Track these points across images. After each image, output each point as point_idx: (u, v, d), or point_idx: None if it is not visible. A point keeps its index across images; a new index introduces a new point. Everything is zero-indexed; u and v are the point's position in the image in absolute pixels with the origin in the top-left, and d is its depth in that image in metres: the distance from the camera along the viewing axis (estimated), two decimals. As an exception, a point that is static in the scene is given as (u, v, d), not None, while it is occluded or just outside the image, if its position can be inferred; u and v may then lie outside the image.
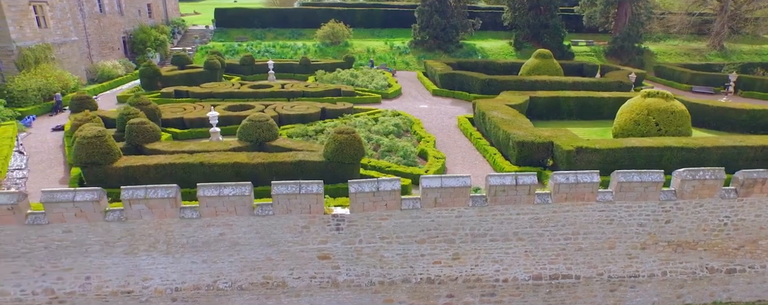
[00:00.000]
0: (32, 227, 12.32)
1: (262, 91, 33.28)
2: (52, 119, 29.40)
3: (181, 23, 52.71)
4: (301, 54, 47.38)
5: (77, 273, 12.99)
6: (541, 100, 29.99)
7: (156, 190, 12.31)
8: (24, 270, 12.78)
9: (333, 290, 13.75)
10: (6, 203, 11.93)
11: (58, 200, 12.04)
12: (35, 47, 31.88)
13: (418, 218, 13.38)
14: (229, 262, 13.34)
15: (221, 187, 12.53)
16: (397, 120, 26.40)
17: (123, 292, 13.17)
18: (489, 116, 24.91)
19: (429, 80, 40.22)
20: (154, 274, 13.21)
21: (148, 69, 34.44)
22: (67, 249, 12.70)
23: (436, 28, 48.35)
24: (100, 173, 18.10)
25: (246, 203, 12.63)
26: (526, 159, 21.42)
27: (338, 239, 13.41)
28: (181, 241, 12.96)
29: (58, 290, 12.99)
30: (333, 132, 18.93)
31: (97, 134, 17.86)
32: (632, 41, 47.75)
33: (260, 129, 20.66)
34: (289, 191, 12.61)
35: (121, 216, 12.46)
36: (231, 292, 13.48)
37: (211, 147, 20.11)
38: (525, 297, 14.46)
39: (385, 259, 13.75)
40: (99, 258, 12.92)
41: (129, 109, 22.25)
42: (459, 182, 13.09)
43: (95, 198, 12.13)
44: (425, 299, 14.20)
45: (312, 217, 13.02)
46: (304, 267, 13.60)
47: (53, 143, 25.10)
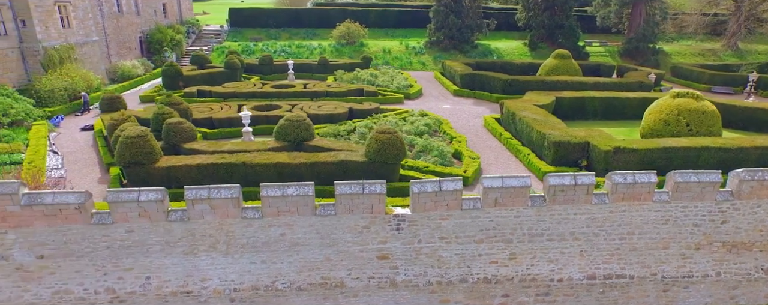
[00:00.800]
0: (97, 226, 12.31)
1: (285, 91, 33.29)
2: (79, 119, 29.39)
3: (196, 23, 52.72)
4: (316, 54, 47.41)
5: (137, 273, 12.97)
6: (566, 100, 30.01)
7: (219, 190, 12.31)
8: (86, 269, 12.77)
9: (391, 290, 13.76)
10: (74, 203, 11.91)
11: (123, 200, 12.03)
12: (60, 47, 31.87)
13: (477, 218, 13.39)
14: (288, 262, 13.33)
15: (284, 187, 12.52)
16: (427, 120, 26.41)
17: (182, 292, 13.16)
18: (520, 117, 24.94)
19: (448, 81, 40.25)
20: (213, 274, 13.20)
21: (171, 69, 34.43)
22: (128, 248, 12.69)
23: (451, 29, 48.40)
24: (142, 173, 18.09)
25: (308, 203, 12.63)
26: (562, 159, 21.44)
27: (398, 239, 13.41)
28: (241, 241, 12.95)
29: (119, 289, 12.98)
30: (374, 132, 18.94)
31: (140, 134, 17.85)
32: (647, 42, 47.83)
33: (298, 129, 20.65)
34: (353, 191, 12.61)
35: (183, 216, 12.45)
36: (289, 293, 13.48)
37: (249, 147, 20.09)
38: (578, 296, 14.48)
39: (443, 259, 13.75)
40: (159, 258, 12.91)
41: (163, 109, 22.24)
42: (519, 182, 13.10)
43: (159, 198, 12.12)
44: (481, 299, 14.22)
45: (373, 217, 13.02)
46: (363, 268, 13.60)
47: (84, 143, 25.10)
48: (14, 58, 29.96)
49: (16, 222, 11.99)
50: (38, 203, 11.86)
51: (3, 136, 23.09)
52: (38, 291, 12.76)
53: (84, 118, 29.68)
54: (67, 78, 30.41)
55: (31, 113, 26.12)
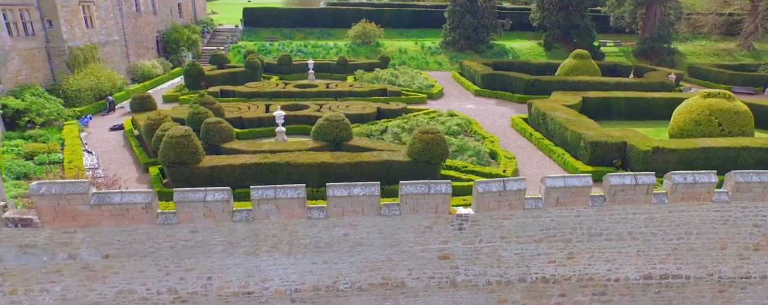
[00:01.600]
0: (162, 226, 12.28)
1: (308, 90, 33.26)
2: (105, 119, 29.34)
3: (210, 23, 52.65)
4: (333, 54, 47.39)
5: (199, 273, 12.93)
6: (592, 100, 30.01)
7: (285, 190, 12.28)
8: (149, 269, 12.73)
9: (451, 290, 13.74)
10: (141, 203, 11.88)
11: (189, 200, 12.00)
12: (84, 47, 31.79)
13: (538, 218, 13.39)
14: (349, 263, 13.31)
15: (351, 187, 12.51)
16: (458, 120, 26.41)
17: (244, 293, 13.13)
18: (551, 117, 24.95)
19: (467, 81, 40.21)
20: (274, 275, 13.17)
21: (193, 68, 34.39)
22: (191, 249, 12.65)
23: (467, 29, 48.40)
24: (186, 173, 18.07)
25: (374, 203, 12.61)
26: (598, 159, 21.45)
27: (459, 239, 13.40)
28: (304, 242, 12.92)
29: (181, 290, 12.95)
30: (417, 132, 18.92)
31: (184, 134, 17.82)
32: (663, 42, 47.90)
33: (338, 129, 20.63)
34: (419, 190, 12.60)
35: (248, 216, 12.42)
36: (350, 293, 13.45)
37: (289, 147, 20.07)
38: (634, 296, 14.48)
39: (503, 259, 13.74)
40: (221, 259, 12.87)
41: (198, 108, 22.21)
42: (581, 181, 13.10)
43: (225, 198, 12.09)
44: (538, 298, 14.21)
45: (437, 217, 13.01)
46: (424, 268, 13.58)
47: (115, 143, 25.05)
48: (41, 58, 29.88)
49: (85, 222, 11.96)
50: (107, 202, 11.83)
51: (38, 136, 23.02)
52: (103, 290, 12.72)
53: (110, 118, 29.63)
54: (93, 78, 30.35)
55: (62, 113, 26.06)
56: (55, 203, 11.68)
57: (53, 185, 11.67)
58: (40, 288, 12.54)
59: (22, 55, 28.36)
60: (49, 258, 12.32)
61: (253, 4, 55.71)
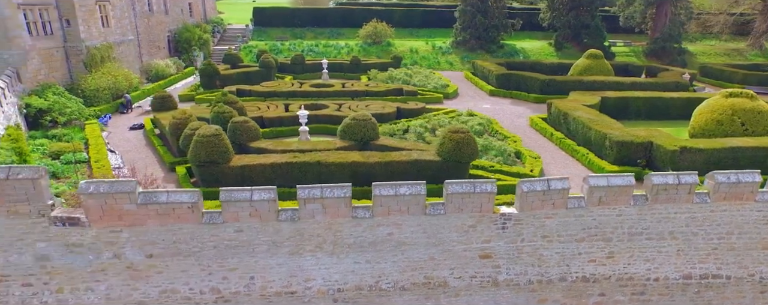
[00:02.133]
0: (207, 226, 12.23)
1: (324, 90, 33.21)
2: (123, 118, 29.29)
3: (220, 22, 52.57)
4: (344, 53, 47.36)
5: (242, 273, 12.89)
6: (610, 100, 29.97)
7: (332, 189, 12.24)
8: (192, 269, 12.68)
9: (492, 289, 13.71)
10: (187, 202, 11.84)
11: (236, 199, 11.96)
12: (100, 46, 31.72)
13: (581, 217, 13.36)
14: (392, 262, 13.27)
15: (397, 186, 12.47)
16: (479, 120, 26.39)
17: (287, 293, 13.08)
18: (574, 116, 24.92)
19: (481, 80, 40.17)
20: (317, 275, 13.13)
21: (208, 68, 34.33)
22: (235, 248, 12.61)
23: (478, 29, 48.39)
24: (216, 172, 18.01)
25: (420, 203, 12.57)
26: (623, 159, 21.42)
27: (501, 238, 13.37)
28: (348, 241, 12.88)
29: (224, 289, 12.90)
30: (447, 131, 18.89)
31: (215, 133, 17.77)
32: (674, 41, 47.89)
33: (365, 128, 20.59)
34: (464, 190, 12.56)
35: (293, 216, 12.38)
36: (393, 292, 13.42)
37: (317, 146, 20.02)
38: (673, 296, 14.45)
39: (544, 258, 13.72)
40: (264, 258, 12.82)
41: (223, 108, 22.16)
42: (624, 181, 13.08)
43: (271, 198, 12.05)
44: (578, 298, 14.18)
45: (481, 216, 12.97)
46: (465, 267, 13.55)
47: (136, 142, 25.00)
48: (59, 57, 29.81)
49: (131, 221, 11.92)
50: (153, 202, 11.79)
51: (62, 135, 22.96)
52: (146, 289, 12.68)
53: (128, 117, 29.58)
54: (111, 77, 30.29)
55: (83, 112, 26.00)
56: (103, 202, 11.64)
57: (101, 184, 11.62)
58: (85, 286, 12.50)
59: (42, 54, 28.30)
60: (95, 257, 12.27)
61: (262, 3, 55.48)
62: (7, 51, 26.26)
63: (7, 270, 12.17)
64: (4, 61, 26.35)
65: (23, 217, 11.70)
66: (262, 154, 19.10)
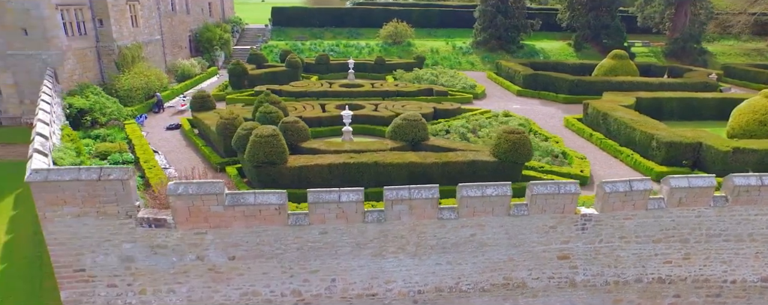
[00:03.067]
0: (292, 228, 12.14)
1: (355, 90, 33.11)
2: (157, 118, 29.15)
3: (239, 22, 52.41)
4: (365, 53, 47.28)
5: (323, 275, 12.81)
6: (644, 101, 29.87)
7: (420, 190, 12.16)
8: (274, 271, 12.60)
9: (569, 290, 13.65)
10: (275, 204, 11.75)
11: (324, 201, 11.87)
12: (131, 46, 31.60)
13: (660, 218, 13.31)
14: (472, 263, 13.20)
15: (483, 187, 12.40)
16: (520, 120, 26.33)
17: (368, 295, 13.01)
18: (614, 117, 24.86)
19: (506, 81, 40.06)
20: (398, 276, 13.05)
21: (237, 67, 34.19)
22: (318, 250, 12.52)
23: (499, 29, 48.32)
24: (273, 173, 17.90)
25: (505, 204, 12.51)
26: (671, 159, 21.35)
27: (580, 239, 13.31)
28: (431, 243, 12.81)
29: (305, 292, 12.81)
30: (503, 132, 18.82)
31: (272, 133, 17.66)
32: (694, 42, 47.88)
33: (416, 129, 20.51)
34: (549, 191, 12.50)
35: (380, 217, 12.30)
36: (472, 293, 13.35)
37: (369, 147, 19.92)
38: (750, 299, 14.41)
39: (621, 258, 13.66)
40: (347, 260, 12.74)
41: (269, 108, 22.07)
42: (705, 182, 13.04)
43: (359, 199, 11.96)
44: (653, 299, 14.13)
45: (562, 217, 12.91)
46: (543, 268, 13.49)
47: (176, 142, 24.87)
48: (92, 57, 29.67)
49: (216, 223, 11.83)
50: (241, 203, 11.70)
51: (106, 135, 22.83)
52: (227, 292, 12.58)
53: (162, 117, 29.45)
54: (143, 77, 30.16)
55: (121, 112, 25.88)
56: (190, 203, 11.55)
57: (190, 185, 11.53)
58: (167, 288, 12.41)
59: (76, 55, 28.16)
60: (178, 259, 12.18)
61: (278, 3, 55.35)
62: (45, 51, 26.11)
63: (94, 270, 12.08)
64: (42, 62, 26.20)
65: (111, 218, 11.61)
66: (316, 154, 18.98)
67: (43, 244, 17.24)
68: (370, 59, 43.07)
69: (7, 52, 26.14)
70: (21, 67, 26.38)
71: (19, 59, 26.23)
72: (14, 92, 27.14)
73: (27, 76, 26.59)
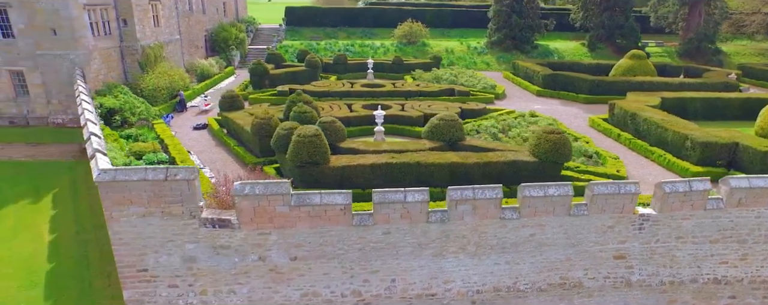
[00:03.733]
0: (355, 228, 12.11)
1: (377, 90, 33.08)
2: (181, 117, 29.09)
3: (253, 21, 52.35)
4: (380, 53, 47.29)
5: (383, 276, 12.78)
6: (668, 101, 29.88)
7: (483, 190, 12.14)
8: (334, 272, 12.57)
9: (625, 290, 13.64)
10: (341, 204, 11.72)
11: (390, 201, 11.84)
12: (154, 46, 31.56)
13: (718, 219, 13.31)
14: (530, 263, 13.18)
15: (545, 187, 12.38)
16: (548, 120, 26.32)
17: (427, 295, 12.98)
18: (644, 117, 24.87)
19: (524, 81, 40.07)
20: (456, 276, 13.03)
21: (259, 67, 34.16)
22: (379, 250, 12.49)
23: (513, 29, 48.33)
24: (316, 173, 17.87)
25: (566, 204, 12.49)
26: (706, 160, 21.35)
27: (637, 238, 13.30)
28: (492, 243, 12.79)
29: (365, 292, 12.78)
30: (542, 132, 18.82)
31: (315, 133, 17.63)
32: (709, 42, 47.92)
33: (453, 129, 20.49)
34: (609, 191, 12.49)
35: (443, 217, 12.27)
36: (530, 293, 13.33)
37: (407, 146, 19.89)
38: (802, 298, 14.41)
39: (676, 259, 13.65)
40: (407, 261, 12.72)
41: (304, 108, 22.03)
42: (766, 182, 13.02)
43: (425, 199, 11.94)
44: (708, 300, 14.12)
45: (620, 217, 12.90)
46: (599, 267, 13.48)
47: (205, 142, 24.83)
48: (116, 57, 29.62)
49: (281, 223, 11.79)
50: (306, 204, 11.66)
51: (138, 135, 22.79)
52: (287, 292, 12.55)
53: (185, 116, 29.40)
54: (167, 77, 30.11)
55: (150, 112, 25.82)
56: (256, 203, 11.52)
57: (256, 185, 11.51)
58: (228, 289, 12.37)
59: (102, 54, 28.11)
60: (240, 260, 12.15)
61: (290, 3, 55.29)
62: (73, 51, 26.06)
63: (156, 270, 12.04)
64: (70, 62, 26.16)
65: (176, 218, 11.57)
66: (356, 154, 18.96)
67: (87, 244, 17.31)
68: (387, 59, 43.06)
69: (36, 53, 26.11)
70: (49, 67, 26.33)
71: (48, 59, 26.18)
72: (42, 91, 27.08)
73: (55, 76, 26.54)
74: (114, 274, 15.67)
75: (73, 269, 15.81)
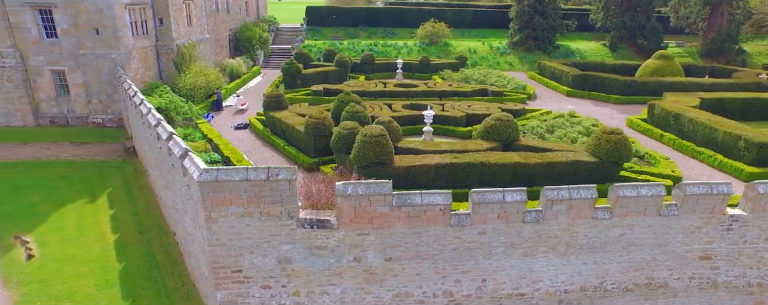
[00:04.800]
0: (452, 228, 12.07)
1: (412, 90, 33.04)
2: (219, 117, 29.02)
3: (274, 21, 52.27)
4: (404, 53, 47.27)
5: (474, 276, 12.74)
6: (707, 101, 29.89)
7: (579, 190, 12.11)
8: (426, 272, 12.52)
9: (710, 291, 13.62)
10: (441, 204, 11.67)
11: (488, 201, 11.80)
12: (188, 45, 31.49)
13: (806, 219, 13.30)
14: (617, 263, 13.16)
15: (638, 187, 12.36)
16: (592, 121, 26.31)
17: (516, 295, 12.94)
18: (689, 117, 24.88)
19: (551, 81, 40.07)
20: (545, 276, 13.00)
21: (292, 67, 34.13)
22: (472, 250, 12.46)
23: (535, 29, 48.35)
24: (381, 173, 17.79)
25: (657, 204, 12.46)
26: (762, 160, 21.32)
27: (724, 239, 13.29)
28: (582, 242, 12.77)
29: (456, 292, 12.74)
30: (602, 132, 18.83)
31: (381, 133, 17.61)
32: (732, 42, 47.97)
33: (509, 129, 20.47)
34: (701, 191, 12.47)
35: (538, 217, 12.24)
36: (615, 293, 13.31)
37: (467, 147, 19.85)
38: None
39: (764, 260, 13.65)
40: (498, 261, 12.68)
41: (356, 107, 22.00)
42: None
43: (523, 199, 11.90)
44: (790, 300, 14.11)
45: (710, 217, 12.88)
46: (684, 268, 13.46)
47: (250, 142, 24.81)
48: (152, 56, 29.58)
49: (380, 223, 11.75)
50: (407, 204, 11.62)
51: (186, 135, 22.72)
52: (380, 293, 12.51)
53: (223, 116, 29.34)
54: (204, 76, 30.05)
55: (193, 111, 25.76)
56: (357, 204, 11.47)
57: (359, 185, 11.46)
58: (320, 290, 12.32)
59: (140, 54, 28.07)
60: (336, 260, 12.10)
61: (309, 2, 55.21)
62: (115, 51, 26.01)
63: (250, 271, 11.99)
64: (112, 61, 26.11)
65: (274, 219, 11.51)
66: (417, 154, 18.93)
67: (151, 244, 17.25)
68: (413, 59, 43.02)
69: (78, 52, 26.06)
70: (91, 66, 26.28)
71: (90, 59, 26.14)
72: (82, 91, 27.03)
73: (96, 75, 26.50)
74: (185, 274, 15.73)
75: (143, 269, 15.77)
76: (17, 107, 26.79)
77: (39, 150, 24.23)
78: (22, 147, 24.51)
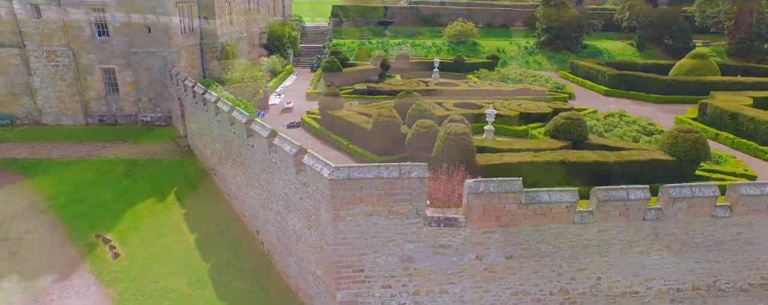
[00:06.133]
0: (573, 225, 11.96)
1: (454, 89, 32.94)
2: (269, 115, 28.87)
3: (300, 20, 52.11)
4: (433, 52, 47.16)
5: (589, 274, 12.64)
6: (759, 100, 29.67)
7: (701, 188, 12.03)
8: (543, 270, 12.42)
9: (820, 290, 13.56)
10: (567, 201, 11.57)
11: (613, 199, 11.70)
12: (231, 43, 31.35)
13: None
14: (730, 262, 13.07)
15: (761, 186, 12.27)
16: (648, 120, 26.30)
17: (630, 293, 12.86)
18: (749, 116, 24.96)
19: (586, 80, 39.96)
20: (657, 274, 12.91)
21: (333, 65, 34.00)
22: (588, 248, 12.35)
23: (563, 29, 48.24)
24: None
25: (781, 202, 12.40)
26: (843, 159, 21.31)
27: (837, 238, 13.21)
28: (697, 240, 12.67)
29: (572, 290, 12.65)
30: (679, 131, 18.78)
31: (464, 131, 17.54)
32: (763, 41, 47.96)
33: (579, 128, 20.41)
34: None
35: (658, 215, 12.14)
36: (729, 293, 13.23)
37: (540, 146, 19.77)
38: None
39: None
40: (613, 258, 12.58)
41: (422, 105, 21.87)
42: None
43: (646, 197, 11.81)
44: None
45: (827, 216, 12.81)
46: (796, 267, 13.39)
47: (306, 140, 24.66)
48: (197, 54, 29.45)
49: (507, 221, 11.65)
50: (535, 201, 11.53)
51: (250, 133, 22.51)
52: (498, 291, 12.41)
53: (270, 114, 29.18)
54: (250, 73, 29.90)
55: (248, 109, 25.57)
56: (487, 202, 11.36)
57: (490, 183, 11.37)
58: (440, 289, 12.21)
59: (187, 52, 27.91)
60: (458, 259, 11.99)
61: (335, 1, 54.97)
62: (167, 49, 25.87)
63: (372, 270, 11.87)
64: (163, 59, 25.97)
65: (401, 217, 11.40)
66: (495, 153, 18.84)
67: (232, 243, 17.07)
68: (445, 58, 42.92)
69: (130, 51, 25.88)
70: (141, 65, 26.13)
71: (141, 57, 25.98)
72: (132, 90, 26.85)
73: (146, 74, 26.35)
74: (274, 273, 15.58)
75: (232, 268, 15.62)
76: (68, 106, 26.59)
77: (95, 149, 24.04)
78: (78, 146, 24.32)
